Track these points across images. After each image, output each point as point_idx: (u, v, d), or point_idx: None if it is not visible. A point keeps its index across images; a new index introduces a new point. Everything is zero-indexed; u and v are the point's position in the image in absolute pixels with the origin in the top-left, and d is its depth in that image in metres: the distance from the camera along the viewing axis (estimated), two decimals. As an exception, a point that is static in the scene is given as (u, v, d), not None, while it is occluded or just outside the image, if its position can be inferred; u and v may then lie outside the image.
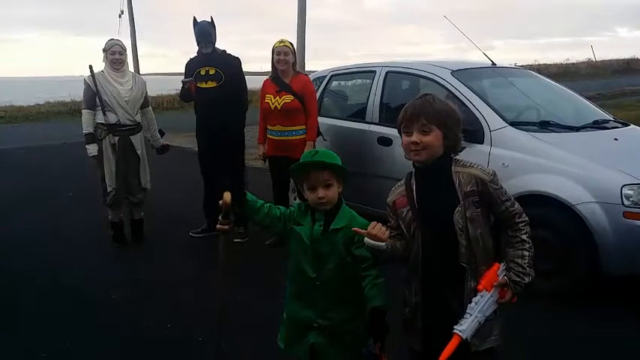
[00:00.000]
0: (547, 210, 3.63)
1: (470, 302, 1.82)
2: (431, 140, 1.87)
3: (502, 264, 1.88)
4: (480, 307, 1.80)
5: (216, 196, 1.96)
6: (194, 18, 5.01)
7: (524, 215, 1.90)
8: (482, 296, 1.81)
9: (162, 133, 5.27)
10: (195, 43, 4.98)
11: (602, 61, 29.09)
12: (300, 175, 2.05)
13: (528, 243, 1.86)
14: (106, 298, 3.96)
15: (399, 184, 2.04)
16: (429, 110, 1.88)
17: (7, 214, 6.20)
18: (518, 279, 1.84)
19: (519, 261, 1.85)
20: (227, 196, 1.93)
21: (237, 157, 5.14)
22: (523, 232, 1.88)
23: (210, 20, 4.99)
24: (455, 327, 1.78)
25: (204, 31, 4.94)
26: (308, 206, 2.07)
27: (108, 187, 4.83)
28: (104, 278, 4.34)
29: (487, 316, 1.81)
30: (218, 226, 2.02)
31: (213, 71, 4.93)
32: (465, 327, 1.77)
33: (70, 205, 6.53)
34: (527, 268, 1.85)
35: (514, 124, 4.08)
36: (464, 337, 1.77)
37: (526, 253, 1.85)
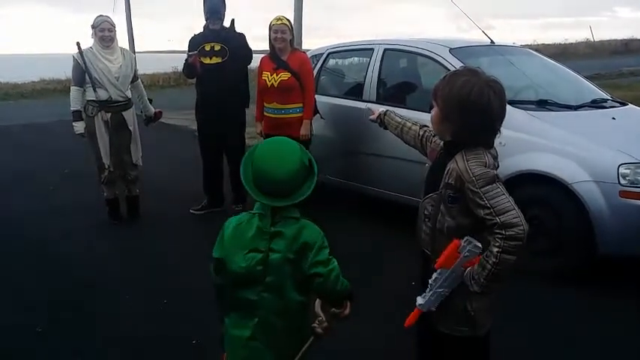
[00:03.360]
0: (543, 189, 3.62)
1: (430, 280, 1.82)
2: (432, 115, 1.88)
3: (462, 240, 1.74)
4: (439, 283, 1.79)
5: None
6: None
7: (506, 230, 1.67)
8: (440, 274, 1.78)
9: (150, 101, 5.27)
10: (204, 18, 4.92)
11: (601, 42, 28.88)
12: None
13: (495, 257, 1.68)
14: (101, 275, 3.96)
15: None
16: (435, 86, 1.87)
17: (2, 192, 6.17)
18: (470, 282, 1.75)
19: (479, 269, 1.72)
20: (338, 312, 1.77)
21: (238, 134, 5.11)
22: (496, 244, 1.68)
23: None
24: (417, 301, 1.85)
25: (215, 7, 4.89)
26: None
27: (104, 164, 4.80)
28: (100, 255, 4.34)
29: (454, 287, 1.79)
30: (318, 331, 1.77)
31: (218, 47, 4.87)
32: (422, 301, 1.83)
33: (67, 183, 6.50)
34: (481, 279, 1.72)
35: (512, 102, 4.03)
36: (424, 310, 1.83)
37: (488, 267, 1.70)
